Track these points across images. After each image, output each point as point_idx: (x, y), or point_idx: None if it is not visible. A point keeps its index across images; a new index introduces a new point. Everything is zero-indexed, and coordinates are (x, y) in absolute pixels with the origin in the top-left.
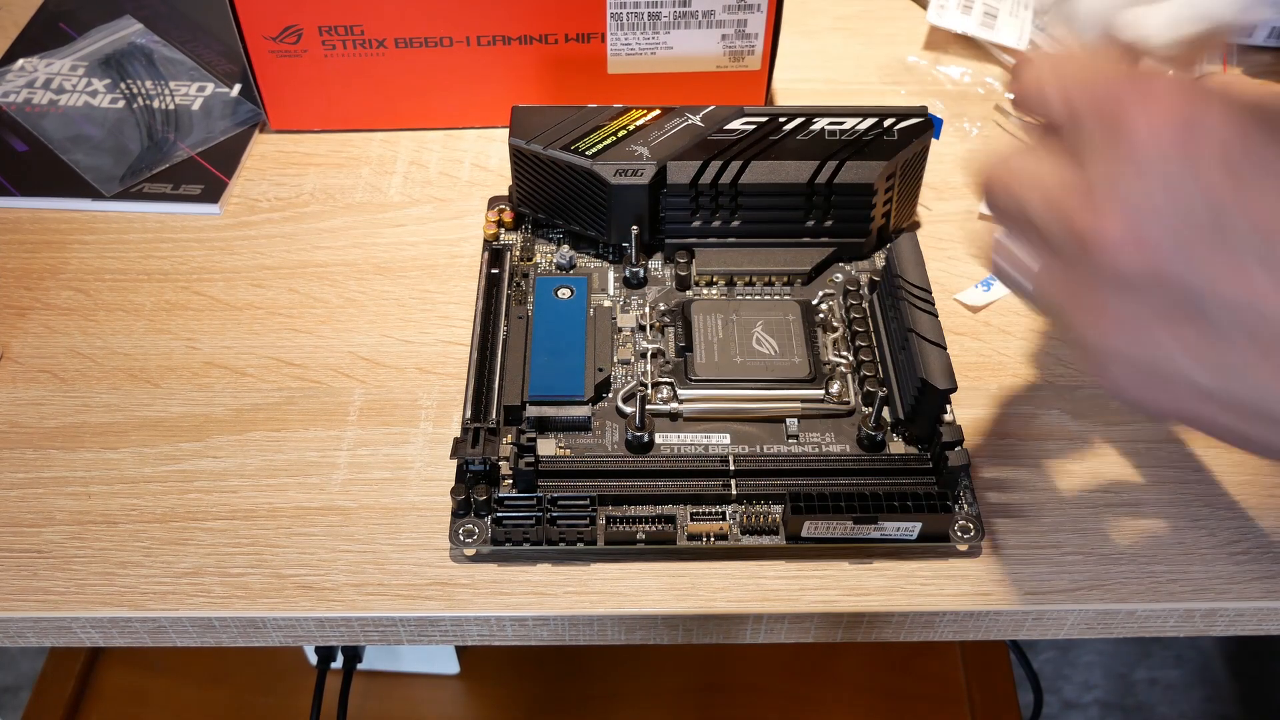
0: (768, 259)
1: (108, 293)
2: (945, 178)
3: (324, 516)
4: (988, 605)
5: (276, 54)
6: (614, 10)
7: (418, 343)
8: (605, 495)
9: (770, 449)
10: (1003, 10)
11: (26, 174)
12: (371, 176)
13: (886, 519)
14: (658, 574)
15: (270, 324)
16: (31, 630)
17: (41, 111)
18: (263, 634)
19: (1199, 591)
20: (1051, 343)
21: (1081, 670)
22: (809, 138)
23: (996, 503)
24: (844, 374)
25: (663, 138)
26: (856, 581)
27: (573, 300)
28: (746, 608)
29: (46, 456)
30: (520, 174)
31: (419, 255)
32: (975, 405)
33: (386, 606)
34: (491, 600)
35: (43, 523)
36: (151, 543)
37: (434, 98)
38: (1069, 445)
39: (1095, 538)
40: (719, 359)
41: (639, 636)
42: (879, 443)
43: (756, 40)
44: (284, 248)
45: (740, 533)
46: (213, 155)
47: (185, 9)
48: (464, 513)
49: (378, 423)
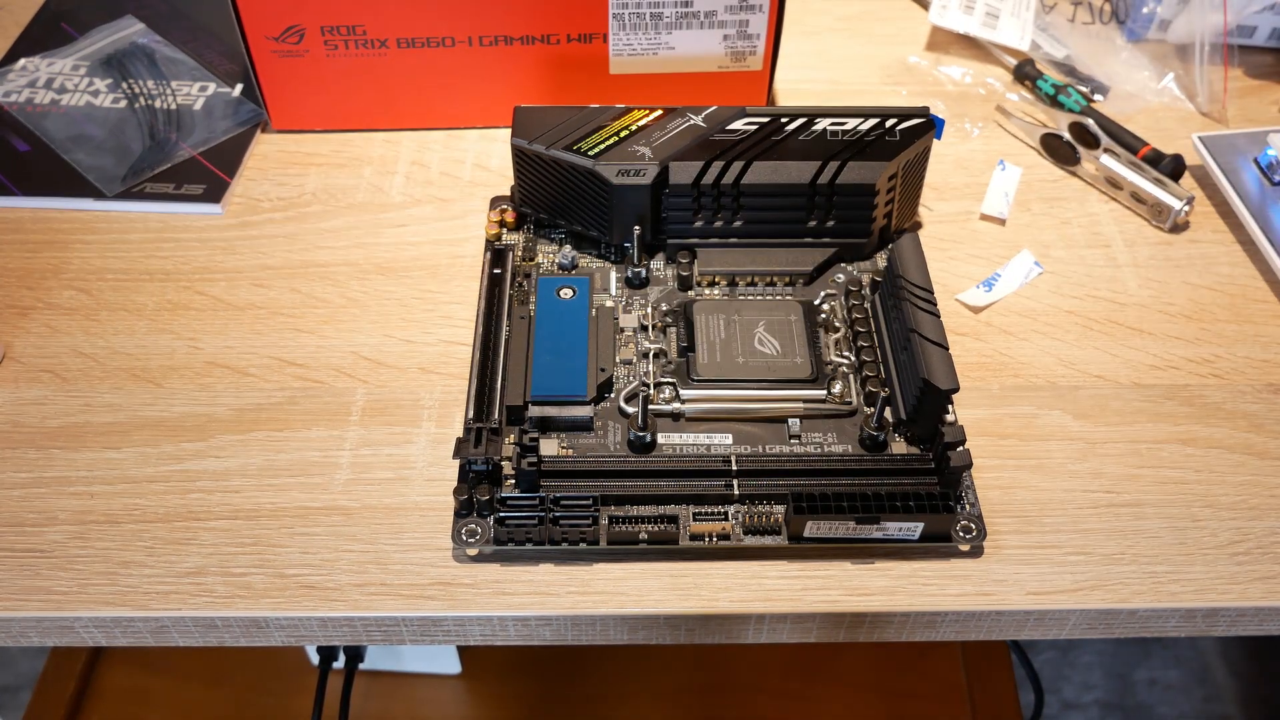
0: (770, 259)
1: (110, 292)
2: (947, 178)
3: (326, 516)
4: (989, 605)
5: (278, 54)
6: (616, 10)
7: (420, 343)
8: (608, 495)
9: (772, 449)
10: (1004, 11)
11: (28, 174)
12: (373, 176)
13: (889, 519)
14: (660, 574)
15: (272, 324)
16: (34, 630)
17: (43, 111)
18: (265, 634)
19: (1200, 592)
20: (1053, 343)
21: (1081, 670)
22: (811, 138)
23: (998, 503)
24: (846, 374)
25: (665, 138)
26: (858, 581)
27: (575, 300)
28: (749, 608)
29: (49, 456)
30: (522, 174)
31: (421, 255)
32: (977, 405)
33: (389, 606)
34: (494, 600)
35: (45, 522)
36: (154, 542)
37: (436, 98)
38: (1070, 445)
39: (1096, 538)
40: (721, 359)
41: (641, 636)
42: (881, 443)
43: (758, 41)
44: (286, 248)
45: (743, 533)
46: (215, 155)
47: (187, 9)
48: (466, 513)
49: (380, 423)
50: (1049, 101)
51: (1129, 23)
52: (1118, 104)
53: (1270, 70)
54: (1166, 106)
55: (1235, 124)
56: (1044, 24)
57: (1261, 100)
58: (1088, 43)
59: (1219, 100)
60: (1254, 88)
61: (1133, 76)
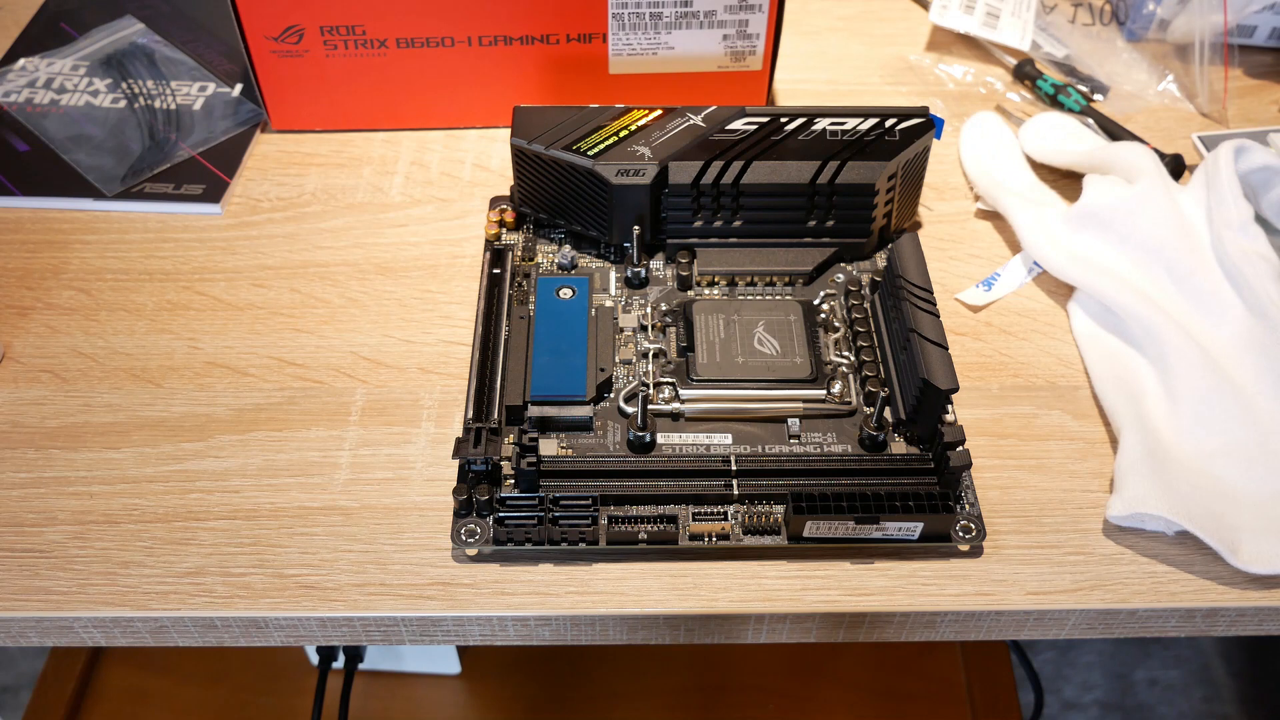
0: (769, 259)
1: (109, 293)
2: (946, 178)
3: (326, 516)
4: (989, 605)
5: (278, 54)
6: (615, 10)
7: (419, 343)
8: (607, 495)
9: (772, 449)
10: (1005, 10)
11: (28, 174)
12: (373, 176)
13: (888, 519)
14: (659, 574)
15: (272, 324)
16: (34, 630)
17: (43, 111)
18: (265, 634)
19: (1200, 591)
20: (1052, 343)
21: (1081, 670)
22: (810, 138)
23: (998, 503)
24: (845, 374)
25: (664, 138)
26: (858, 581)
27: (574, 300)
28: (748, 608)
29: (48, 456)
30: (522, 174)
31: (421, 255)
32: (976, 405)
33: (388, 606)
34: (493, 600)
35: (45, 522)
36: (153, 542)
37: (436, 98)
38: (1070, 445)
39: (1096, 538)
40: (720, 359)
41: (641, 636)
42: (880, 443)
43: (758, 40)
44: (285, 248)
45: (742, 533)
46: (214, 155)
47: (187, 9)
48: (466, 513)
49: (380, 423)
50: (1049, 101)
51: (1129, 23)
52: (1118, 104)
53: (1270, 70)
54: (1166, 106)
55: (1235, 124)
56: (1044, 24)
57: (1261, 100)
58: (1088, 43)
59: (1219, 100)
60: (1254, 87)
61: (1133, 76)
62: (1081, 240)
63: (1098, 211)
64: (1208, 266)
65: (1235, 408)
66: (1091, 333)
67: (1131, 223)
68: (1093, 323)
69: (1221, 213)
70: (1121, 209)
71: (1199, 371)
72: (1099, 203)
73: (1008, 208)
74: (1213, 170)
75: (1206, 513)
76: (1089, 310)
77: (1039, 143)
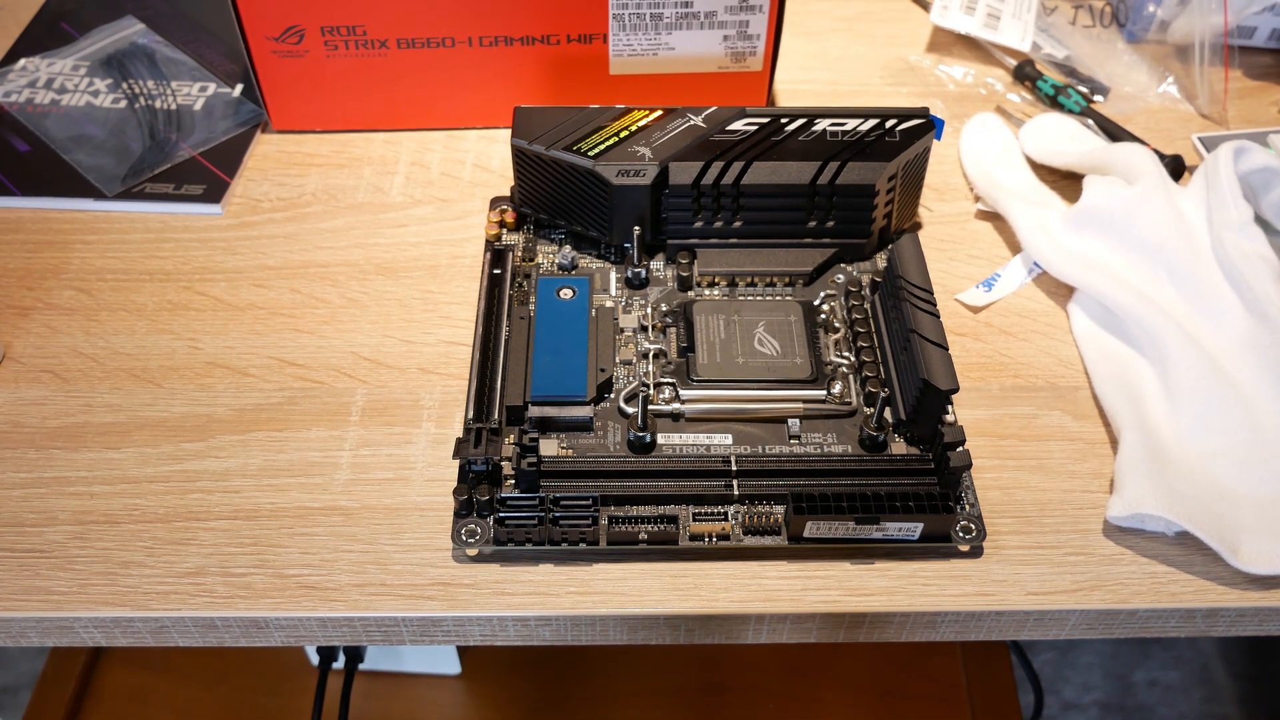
0: (769, 259)
1: (110, 293)
2: (947, 179)
3: (326, 517)
4: (989, 605)
5: (279, 54)
6: (616, 11)
7: (420, 343)
8: (607, 495)
9: (772, 449)
10: (1006, 11)
11: (28, 174)
12: (373, 177)
13: (888, 519)
14: (660, 574)
15: (272, 324)
16: (34, 630)
17: (43, 111)
18: (265, 634)
19: (1200, 592)
20: (1052, 343)
21: (1081, 671)
22: (811, 139)
23: (998, 503)
24: (846, 374)
25: (665, 138)
26: (858, 582)
27: (575, 301)
28: (749, 608)
29: (49, 456)
30: (522, 174)
31: (421, 256)
32: (977, 406)
33: (389, 606)
34: (494, 600)
35: (45, 523)
36: (154, 543)
37: (436, 98)
38: (1070, 445)
39: (1096, 538)
40: (721, 359)
41: (641, 637)
42: (881, 443)
43: (758, 41)
44: (286, 248)
45: (742, 533)
46: (215, 155)
47: (187, 9)
48: (466, 513)
49: (380, 423)
50: (1049, 102)
51: (1129, 24)
52: (1118, 105)
53: (1270, 71)
54: (1166, 107)
55: (1235, 125)
56: (1045, 25)
57: (1261, 101)
58: (1088, 44)
59: (1219, 101)
60: (1254, 88)
61: (1133, 77)
62: (1081, 241)
63: (1098, 212)
64: (1208, 267)
65: (1235, 408)
66: (1091, 333)
67: (1131, 224)
68: (1093, 323)
69: (1221, 214)
70: (1121, 210)
71: (1199, 372)
72: (1099, 204)
73: (1008, 208)
74: (1212, 171)
75: (1206, 513)
76: (1089, 311)
77: (1039, 144)
